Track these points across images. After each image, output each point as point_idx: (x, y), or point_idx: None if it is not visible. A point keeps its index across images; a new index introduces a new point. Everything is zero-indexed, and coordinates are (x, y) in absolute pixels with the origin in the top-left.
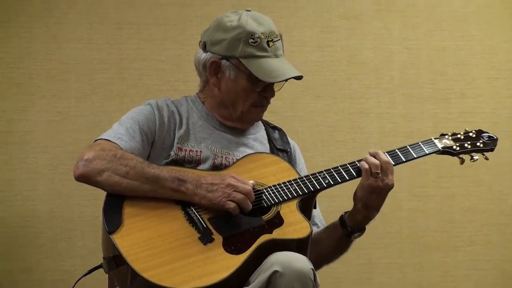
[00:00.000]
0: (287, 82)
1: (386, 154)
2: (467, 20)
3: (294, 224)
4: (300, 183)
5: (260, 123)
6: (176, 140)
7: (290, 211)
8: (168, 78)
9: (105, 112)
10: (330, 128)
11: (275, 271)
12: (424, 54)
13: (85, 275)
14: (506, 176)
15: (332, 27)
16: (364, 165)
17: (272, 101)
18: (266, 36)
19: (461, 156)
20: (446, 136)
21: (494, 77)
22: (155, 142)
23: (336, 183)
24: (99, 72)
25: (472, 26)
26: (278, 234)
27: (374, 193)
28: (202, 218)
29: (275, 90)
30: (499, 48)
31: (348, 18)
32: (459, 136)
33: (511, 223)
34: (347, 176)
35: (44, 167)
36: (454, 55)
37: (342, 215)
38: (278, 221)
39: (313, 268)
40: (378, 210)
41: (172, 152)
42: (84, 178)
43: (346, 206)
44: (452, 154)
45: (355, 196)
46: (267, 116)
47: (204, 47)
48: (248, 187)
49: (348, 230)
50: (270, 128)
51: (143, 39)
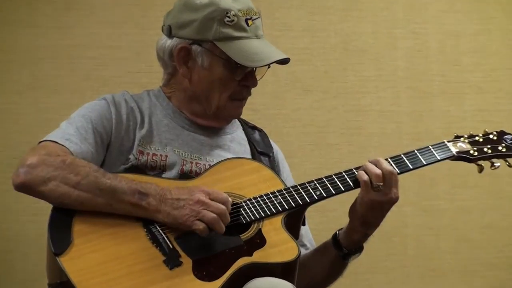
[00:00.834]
0: (269, 71)
1: (390, 160)
2: (486, 0)
3: (279, 245)
4: (286, 195)
5: (237, 122)
6: (136, 141)
7: (274, 229)
8: (127, 69)
9: (51, 109)
10: (321, 129)
11: None
12: (433, 40)
13: None
14: None
15: (324, 8)
16: (363, 176)
17: (253, 97)
18: (244, 14)
19: (479, 162)
20: (462, 139)
21: None
22: (111, 144)
23: (329, 195)
24: (44, 61)
25: (491, 6)
26: (260, 256)
27: (375, 209)
28: (168, 237)
29: (258, 77)
30: None
31: None
32: (477, 138)
33: None
34: (343, 187)
35: None
36: (469, 41)
37: (336, 233)
38: (259, 241)
39: None
40: (377, 227)
41: (131, 156)
42: (26, 188)
43: (342, 222)
44: (468, 161)
45: (352, 212)
46: (245, 115)
47: (169, 32)
48: (221, 206)
49: (344, 251)
50: (249, 128)
51: (98, 22)
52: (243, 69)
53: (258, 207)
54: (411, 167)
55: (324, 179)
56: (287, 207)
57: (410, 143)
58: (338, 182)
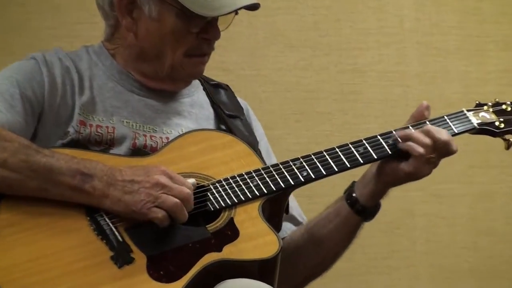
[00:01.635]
0: (244, 21)
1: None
2: None
3: (255, 238)
4: (265, 176)
5: (196, 80)
6: (77, 110)
7: (250, 218)
8: (64, 19)
9: None
10: (309, 94)
11: None
12: None
13: None
14: None
15: None
16: (417, 148)
17: (224, 54)
18: None
19: (507, 137)
20: (485, 107)
21: None
22: (44, 113)
23: (319, 176)
24: None
25: None
26: (231, 252)
27: (412, 179)
28: (116, 228)
29: (221, 28)
30: None
31: None
32: (504, 107)
33: None
34: (336, 167)
35: None
36: None
37: (350, 192)
38: (230, 232)
39: None
40: None
41: (71, 129)
42: None
43: None
44: (493, 134)
45: (384, 176)
46: (214, 76)
47: None
48: (185, 190)
49: (362, 210)
50: (211, 86)
51: None
52: (201, 18)
53: (229, 191)
54: None
55: (313, 157)
56: (266, 191)
57: None
58: (330, 160)
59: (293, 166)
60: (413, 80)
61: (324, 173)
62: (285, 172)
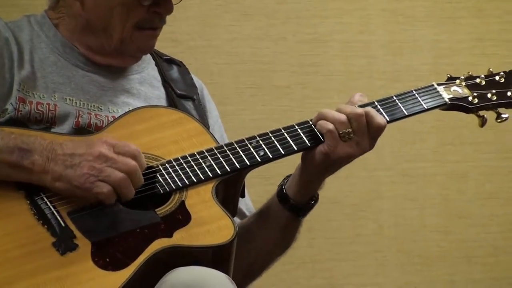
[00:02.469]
0: None
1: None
2: None
3: (209, 223)
4: (219, 156)
5: (148, 55)
6: (16, 86)
7: (202, 201)
8: None
9: None
10: (265, 66)
11: None
12: None
13: None
14: None
15: None
16: (326, 125)
17: (172, 24)
18: None
19: (481, 113)
20: (457, 81)
21: None
22: None
23: (277, 156)
24: None
25: None
26: (182, 238)
27: (343, 162)
28: (58, 212)
29: (174, 2)
30: None
31: None
32: (478, 80)
33: None
34: (295, 146)
35: None
36: None
37: (281, 188)
38: (182, 217)
39: None
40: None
41: (9, 106)
42: None
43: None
44: (467, 110)
45: (309, 166)
46: (161, 47)
47: None
48: (131, 162)
49: (298, 206)
50: (164, 62)
51: None
52: None
53: (180, 172)
54: (388, 119)
55: (270, 135)
56: (219, 173)
57: (386, 85)
58: (288, 138)
59: (249, 145)
60: (378, 50)
61: (283, 152)
62: (240, 152)
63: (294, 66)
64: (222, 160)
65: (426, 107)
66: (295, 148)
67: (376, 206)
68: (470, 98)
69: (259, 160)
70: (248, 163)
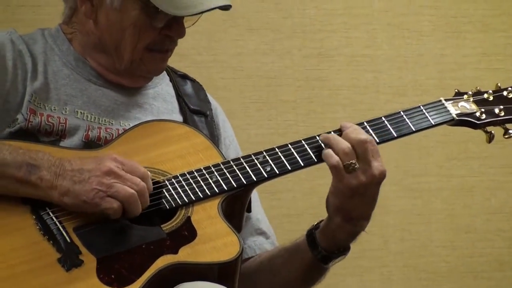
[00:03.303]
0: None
1: (367, 125)
2: None
3: (214, 239)
4: (226, 171)
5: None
6: (27, 97)
7: (208, 217)
8: (5, 2)
9: None
10: (271, 81)
11: None
12: None
13: None
14: None
15: None
16: (331, 158)
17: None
18: None
19: (488, 129)
20: (465, 96)
21: None
22: None
23: (284, 172)
24: None
25: None
26: (188, 254)
27: (357, 195)
28: (64, 227)
29: (186, 25)
30: None
31: None
32: (485, 96)
33: None
34: (302, 162)
35: None
36: None
37: (312, 232)
38: (188, 233)
39: None
40: (368, 219)
41: (20, 116)
42: None
43: (298, 207)
44: (474, 126)
45: (330, 205)
46: (169, 62)
47: None
48: (140, 181)
49: (322, 253)
50: (179, 77)
51: None
52: (166, 14)
53: (187, 187)
54: (395, 135)
55: (277, 150)
56: (226, 188)
57: (392, 100)
58: (296, 154)
59: (255, 161)
60: (383, 65)
61: (289, 168)
62: (247, 167)
63: (300, 80)
64: (229, 176)
65: (433, 123)
66: (302, 164)
67: (382, 221)
68: (478, 114)
69: (266, 176)
70: (255, 179)
